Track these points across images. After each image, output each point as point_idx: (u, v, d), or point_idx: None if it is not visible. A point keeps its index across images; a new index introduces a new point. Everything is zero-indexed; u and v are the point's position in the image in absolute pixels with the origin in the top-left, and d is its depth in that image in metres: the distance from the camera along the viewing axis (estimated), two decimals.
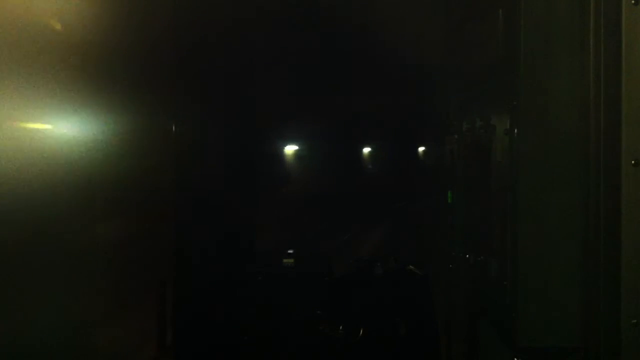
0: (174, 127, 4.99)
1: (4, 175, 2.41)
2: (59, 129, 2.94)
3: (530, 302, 2.68)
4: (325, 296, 4.88)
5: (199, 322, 5.08)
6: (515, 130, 2.75)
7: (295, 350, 4.76)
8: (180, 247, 5.12)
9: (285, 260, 5.10)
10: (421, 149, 9.25)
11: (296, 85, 7.32)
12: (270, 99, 6.81)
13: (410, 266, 5.05)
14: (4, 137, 2.41)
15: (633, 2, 2.41)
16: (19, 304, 2.52)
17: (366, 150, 10.44)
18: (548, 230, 2.67)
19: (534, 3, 2.70)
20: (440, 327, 4.76)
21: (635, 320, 2.40)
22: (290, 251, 5.11)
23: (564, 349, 2.69)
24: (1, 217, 2.39)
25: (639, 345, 2.40)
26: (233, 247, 5.53)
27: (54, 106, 2.86)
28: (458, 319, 4.17)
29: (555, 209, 2.67)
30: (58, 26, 2.89)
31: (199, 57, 5.14)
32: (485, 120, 3.25)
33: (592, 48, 2.57)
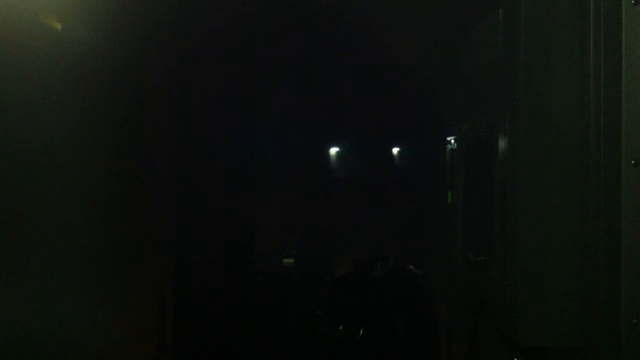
0: (173, 127, 4.99)
1: (3, 175, 2.41)
2: (60, 128, 2.94)
3: (530, 302, 2.68)
4: (325, 296, 4.88)
5: (199, 322, 5.08)
6: (515, 130, 2.75)
7: (295, 350, 4.75)
8: (180, 248, 5.12)
9: (285, 260, 5.10)
10: (421, 149, 9.26)
11: (296, 86, 7.32)
12: (270, 99, 6.80)
13: (410, 266, 5.05)
14: (4, 137, 2.41)
15: (633, 2, 2.41)
16: (20, 304, 2.52)
17: (366, 150, 10.43)
18: (548, 231, 2.67)
19: (534, 3, 2.70)
20: (440, 327, 4.76)
21: (635, 320, 2.39)
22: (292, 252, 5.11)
23: (564, 349, 2.69)
24: (1, 217, 2.39)
25: (639, 345, 2.40)
26: (233, 247, 5.53)
27: (55, 106, 2.86)
28: (458, 319, 4.17)
29: (555, 209, 2.67)
30: (58, 26, 2.89)
31: (199, 56, 5.15)
32: (485, 120, 3.25)
33: (592, 48, 2.57)
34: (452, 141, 4.13)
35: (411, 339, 4.72)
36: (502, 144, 2.93)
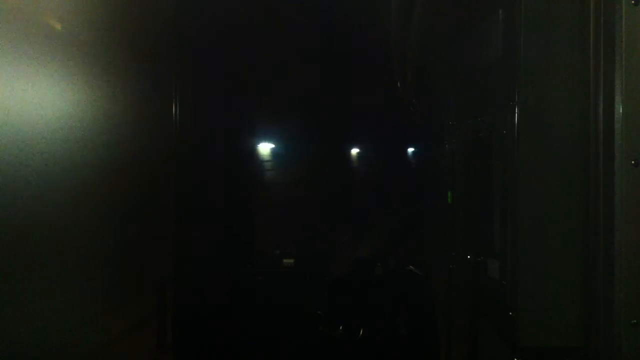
0: (174, 127, 4.99)
1: (3, 174, 2.42)
2: (59, 128, 2.94)
3: (530, 302, 2.68)
4: (325, 296, 4.88)
5: (199, 322, 5.08)
6: (515, 130, 2.75)
7: (295, 350, 4.76)
8: (180, 247, 5.11)
9: (285, 260, 5.10)
10: (421, 149, 9.27)
11: (295, 85, 7.33)
12: (269, 98, 6.81)
13: (410, 266, 5.06)
14: (3, 136, 2.42)
15: (633, 2, 2.41)
16: (18, 304, 2.52)
17: (367, 150, 10.44)
18: (548, 230, 2.68)
19: (534, 3, 2.70)
20: (440, 327, 4.76)
21: (635, 321, 2.39)
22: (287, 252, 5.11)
23: (564, 349, 2.69)
24: (0, 217, 2.39)
25: (639, 345, 2.40)
26: (233, 247, 5.53)
27: (54, 106, 2.87)
28: (458, 319, 4.17)
29: (555, 209, 2.67)
30: (58, 26, 2.89)
31: (198, 55, 5.15)
32: (485, 120, 3.25)
33: (592, 48, 2.57)
34: (452, 141, 4.13)
35: (411, 339, 4.72)
36: (502, 143, 2.93)
